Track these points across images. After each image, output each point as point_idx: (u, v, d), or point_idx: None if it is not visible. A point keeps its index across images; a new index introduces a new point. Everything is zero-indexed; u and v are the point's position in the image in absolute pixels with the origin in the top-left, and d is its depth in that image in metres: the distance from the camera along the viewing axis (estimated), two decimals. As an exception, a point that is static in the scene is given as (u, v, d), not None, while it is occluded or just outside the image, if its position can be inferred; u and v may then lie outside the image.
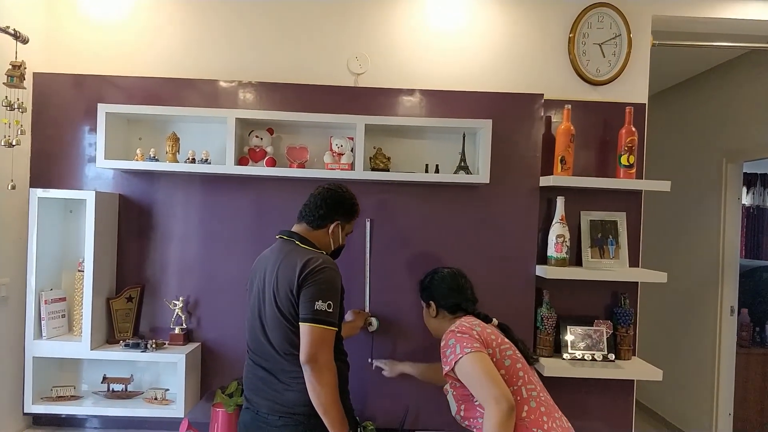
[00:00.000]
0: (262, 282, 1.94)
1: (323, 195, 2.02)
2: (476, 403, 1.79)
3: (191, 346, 2.44)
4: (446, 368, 1.82)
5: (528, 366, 1.90)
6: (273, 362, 1.89)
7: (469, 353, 1.75)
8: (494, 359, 1.79)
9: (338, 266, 1.92)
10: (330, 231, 2.02)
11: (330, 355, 1.81)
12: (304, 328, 1.78)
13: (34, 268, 2.32)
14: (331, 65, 2.61)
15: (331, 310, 1.80)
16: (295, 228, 2.03)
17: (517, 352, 1.89)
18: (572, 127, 2.49)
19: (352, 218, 2.10)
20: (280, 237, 2.02)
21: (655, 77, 2.81)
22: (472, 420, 1.85)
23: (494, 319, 2.04)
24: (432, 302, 2.10)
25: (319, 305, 1.78)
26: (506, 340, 1.91)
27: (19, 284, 2.36)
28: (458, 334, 1.83)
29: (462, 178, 2.43)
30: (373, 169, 2.44)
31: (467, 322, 1.91)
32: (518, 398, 1.77)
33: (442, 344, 1.88)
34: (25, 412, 2.34)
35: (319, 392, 1.76)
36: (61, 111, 2.51)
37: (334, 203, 2.01)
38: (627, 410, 2.61)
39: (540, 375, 2.08)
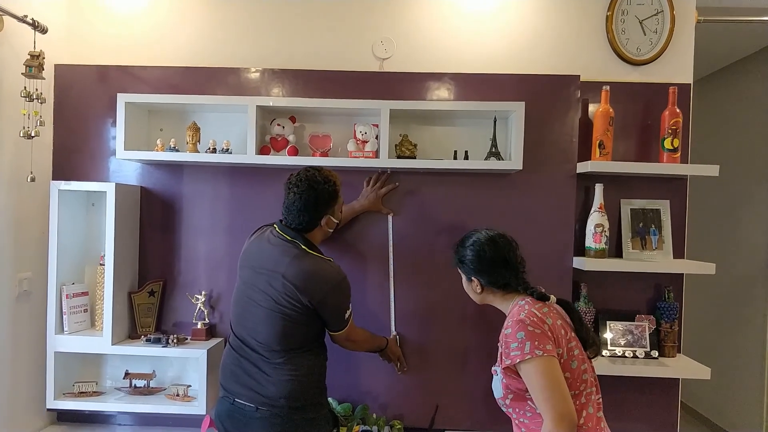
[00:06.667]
0: (257, 277, 1.90)
1: (302, 197, 1.88)
2: (528, 397, 1.64)
3: (214, 342, 2.38)
4: (507, 362, 1.61)
5: (590, 363, 1.73)
6: (257, 353, 1.87)
7: (540, 356, 1.55)
8: (561, 360, 1.61)
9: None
10: (323, 224, 1.96)
11: (356, 332, 2.07)
12: (339, 334, 1.97)
13: (55, 262, 2.29)
14: (355, 50, 2.51)
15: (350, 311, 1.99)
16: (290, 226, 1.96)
17: (581, 347, 1.70)
18: (611, 110, 2.33)
19: (339, 199, 1.99)
20: (282, 235, 1.91)
21: (702, 59, 2.63)
22: (518, 412, 1.68)
23: (552, 296, 1.76)
24: (474, 279, 1.78)
25: (347, 315, 1.96)
26: (571, 331, 1.70)
27: (41, 278, 2.34)
28: (529, 328, 1.60)
29: (493, 164, 2.30)
30: (398, 157, 2.34)
31: (538, 309, 1.66)
32: (578, 402, 1.62)
33: (506, 332, 1.65)
34: (47, 407, 2.32)
35: (356, 350, 2.18)
36: (83, 102, 2.47)
37: (315, 203, 1.89)
38: (671, 411, 2.46)
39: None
